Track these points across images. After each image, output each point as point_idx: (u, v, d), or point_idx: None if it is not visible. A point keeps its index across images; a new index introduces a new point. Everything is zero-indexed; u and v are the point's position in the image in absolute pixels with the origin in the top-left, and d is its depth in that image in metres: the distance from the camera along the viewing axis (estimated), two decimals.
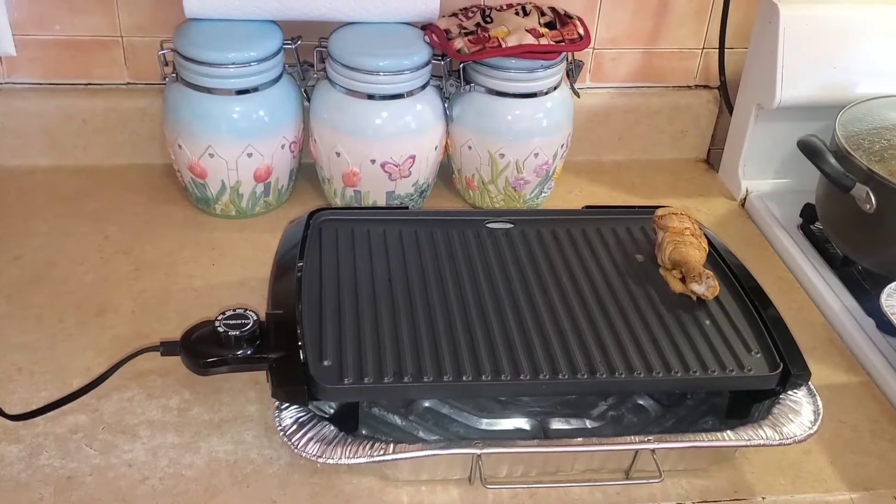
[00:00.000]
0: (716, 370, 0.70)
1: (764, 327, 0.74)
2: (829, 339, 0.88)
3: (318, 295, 0.74)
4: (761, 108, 1.03)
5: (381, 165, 0.94)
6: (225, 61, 0.89)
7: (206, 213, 0.98)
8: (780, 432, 0.67)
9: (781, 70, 0.98)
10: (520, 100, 0.95)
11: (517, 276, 0.79)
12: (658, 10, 1.08)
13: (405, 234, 0.83)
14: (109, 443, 0.71)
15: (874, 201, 0.86)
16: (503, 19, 0.95)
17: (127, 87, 1.04)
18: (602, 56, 1.10)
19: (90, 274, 0.88)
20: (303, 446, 0.64)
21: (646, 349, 0.71)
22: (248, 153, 0.93)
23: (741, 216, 1.07)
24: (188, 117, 0.92)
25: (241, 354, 0.68)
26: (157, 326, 0.82)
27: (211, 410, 0.74)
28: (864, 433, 0.77)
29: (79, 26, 0.99)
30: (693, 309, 0.76)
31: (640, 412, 0.76)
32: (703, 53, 1.12)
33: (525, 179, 0.99)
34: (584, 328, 0.73)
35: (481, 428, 0.74)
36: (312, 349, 0.68)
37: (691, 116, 1.14)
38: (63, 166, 1.04)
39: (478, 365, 0.68)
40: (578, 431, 0.74)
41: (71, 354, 0.79)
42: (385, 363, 0.67)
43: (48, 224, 0.95)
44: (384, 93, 0.92)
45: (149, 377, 0.77)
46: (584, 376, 0.68)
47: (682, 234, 0.80)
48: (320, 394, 0.65)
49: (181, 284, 0.88)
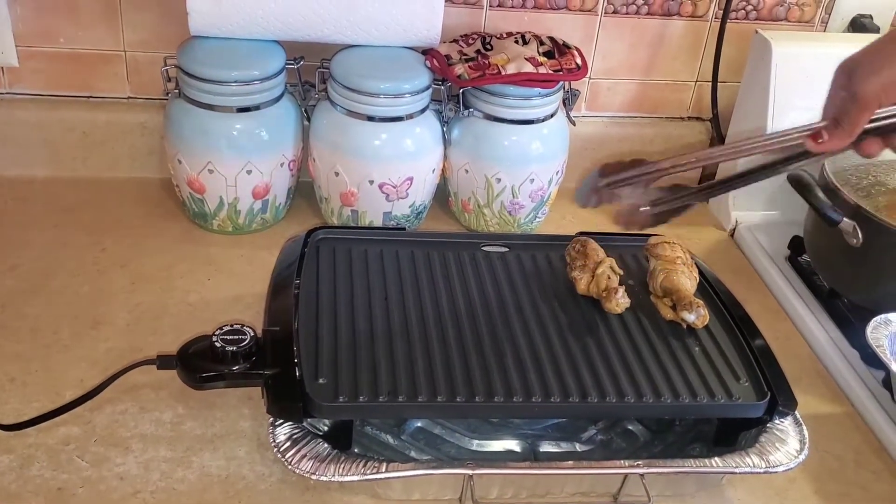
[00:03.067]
0: (705, 398, 0.71)
1: (752, 356, 0.75)
2: (814, 369, 0.89)
3: (315, 313, 0.75)
4: None
5: (379, 186, 0.95)
6: (227, 79, 0.90)
7: (203, 229, 0.99)
8: (766, 460, 0.69)
9: (773, 105, 1.00)
10: (517, 126, 0.97)
11: (511, 300, 0.80)
12: (653, 42, 1.10)
13: (402, 255, 0.84)
14: (101, 455, 0.71)
15: (861, 236, 0.88)
16: (503, 47, 0.97)
17: (128, 101, 1.05)
18: (598, 86, 1.12)
19: (86, 286, 0.89)
20: (296, 463, 0.65)
21: (636, 375, 0.72)
22: (248, 170, 0.94)
23: (731, 246, 1.09)
24: (189, 133, 0.92)
25: (238, 370, 0.69)
26: (151, 340, 0.83)
27: (204, 425, 0.75)
28: (848, 463, 0.78)
29: (83, 40, 1.00)
30: (683, 336, 0.77)
31: (629, 437, 0.77)
32: (697, 86, 1.15)
33: (520, 204, 1.01)
34: (577, 353, 0.74)
35: (472, 449, 0.75)
36: (308, 366, 0.69)
37: (683, 147, 1.16)
38: (62, 177, 1.04)
39: (471, 386, 0.69)
40: (568, 454, 0.75)
41: (65, 366, 0.79)
42: (380, 382, 0.68)
43: (45, 235, 0.95)
44: (384, 115, 0.93)
45: (142, 390, 0.77)
46: (575, 400, 0.69)
47: (674, 262, 0.81)
48: (315, 411, 0.66)
49: (177, 299, 0.88)
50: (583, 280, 0.81)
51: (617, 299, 0.78)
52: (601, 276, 0.80)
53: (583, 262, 0.82)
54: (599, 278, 0.80)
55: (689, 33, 1.10)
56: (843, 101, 0.64)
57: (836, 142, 0.65)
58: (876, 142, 0.66)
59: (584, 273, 0.81)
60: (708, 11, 1.09)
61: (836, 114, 0.65)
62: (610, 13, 1.07)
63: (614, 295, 0.78)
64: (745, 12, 1.10)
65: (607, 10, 1.07)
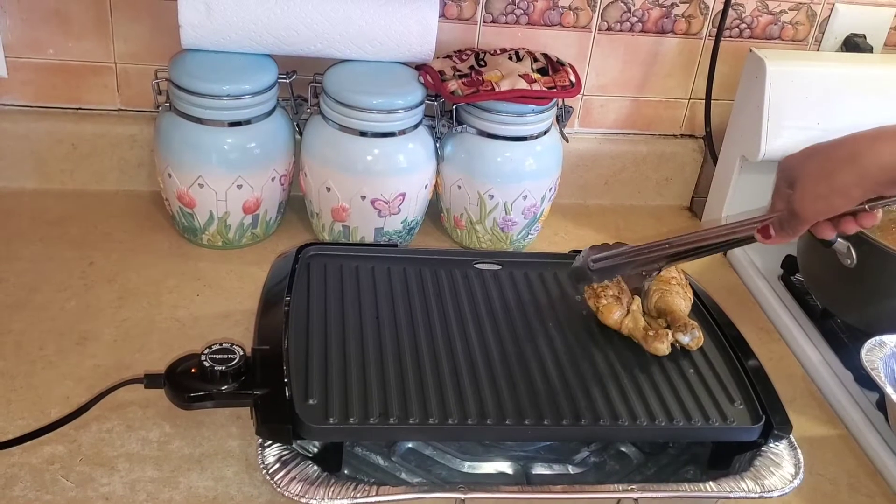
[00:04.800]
0: (699, 421, 0.70)
1: (746, 378, 0.75)
2: (808, 390, 0.89)
3: (306, 331, 0.74)
4: (745, 160, 1.05)
5: (371, 202, 0.95)
6: (219, 93, 0.89)
7: (193, 243, 0.98)
8: (761, 485, 0.68)
9: (767, 124, 1.00)
10: (510, 142, 0.96)
11: (504, 319, 0.79)
12: (647, 60, 1.10)
13: (394, 272, 0.84)
14: (87, 475, 0.70)
15: (855, 257, 0.87)
16: (497, 63, 0.97)
17: (118, 114, 1.04)
18: (591, 102, 1.12)
19: (72, 301, 0.88)
20: (285, 485, 0.63)
21: (630, 397, 0.71)
22: (238, 185, 0.93)
23: (723, 265, 1.09)
24: (179, 147, 0.92)
25: (227, 390, 0.68)
26: (138, 357, 0.82)
27: (192, 445, 0.73)
28: (841, 487, 0.78)
29: (73, 51, 0.99)
30: (677, 358, 0.77)
31: (623, 459, 0.76)
32: (690, 104, 1.14)
33: (513, 221, 1.00)
34: (570, 374, 0.73)
35: (463, 471, 0.74)
36: (298, 387, 0.68)
37: (676, 164, 1.16)
38: (50, 190, 1.03)
39: (463, 408, 0.68)
40: (561, 477, 0.74)
41: (50, 383, 0.78)
42: (371, 403, 0.67)
43: (31, 248, 0.94)
44: (377, 130, 0.92)
45: (129, 408, 0.76)
46: (568, 423, 0.68)
47: (669, 283, 0.81)
48: (305, 433, 0.65)
49: (165, 314, 0.87)
50: (616, 311, 0.77)
51: (667, 339, 0.75)
52: (636, 312, 0.78)
53: (616, 293, 0.78)
54: (636, 315, 0.77)
55: (683, 51, 1.10)
56: (786, 205, 0.66)
57: (782, 239, 0.67)
58: (827, 226, 0.67)
59: (617, 304, 0.78)
60: (702, 29, 1.09)
61: (780, 216, 0.67)
62: (604, 30, 1.07)
63: (665, 336, 0.75)
64: (739, 30, 1.10)
65: (601, 27, 1.06)
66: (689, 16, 1.08)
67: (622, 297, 0.79)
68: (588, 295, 0.80)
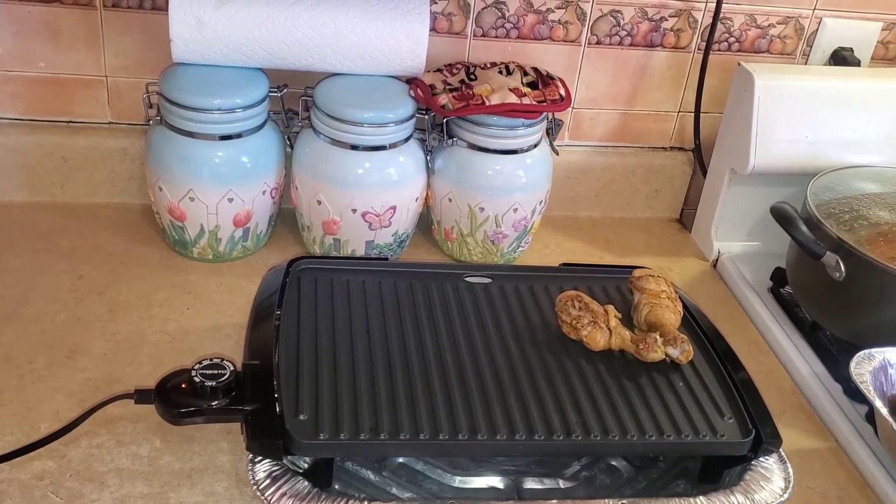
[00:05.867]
0: (689, 434, 0.70)
1: (736, 392, 0.75)
2: (798, 403, 0.89)
3: (296, 346, 0.74)
4: (734, 173, 1.06)
5: (362, 215, 0.95)
6: (210, 107, 0.89)
7: (183, 256, 0.98)
8: (751, 499, 0.68)
9: (755, 137, 1.01)
10: (501, 156, 0.96)
11: (495, 333, 0.79)
12: (636, 73, 1.11)
13: (384, 286, 0.84)
14: (76, 491, 0.69)
15: (843, 269, 0.88)
16: (487, 77, 0.97)
17: (109, 127, 1.04)
18: (581, 115, 1.12)
19: (62, 314, 0.87)
20: (276, 501, 0.63)
21: (621, 411, 0.72)
22: (229, 198, 0.93)
23: (713, 277, 1.09)
24: (170, 160, 0.92)
25: (217, 405, 0.68)
26: (129, 370, 0.81)
27: (182, 460, 0.73)
28: (831, 500, 0.78)
29: (63, 64, 0.99)
30: (667, 372, 0.77)
31: (613, 473, 0.76)
32: (679, 116, 1.15)
33: (503, 233, 1.00)
34: (561, 389, 0.73)
35: (454, 485, 0.74)
36: (289, 402, 0.68)
37: (666, 177, 1.17)
38: (40, 203, 1.03)
39: (454, 423, 0.68)
40: (552, 491, 0.74)
41: (40, 397, 0.77)
42: (361, 419, 0.67)
43: (21, 261, 0.94)
44: (367, 144, 0.93)
45: (119, 423, 0.75)
46: (559, 437, 0.68)
47: (659, 296, 0.81)
48: (295, 449, 0.65)
49: (155, 328, 0.87)
50: (599, 336, 0.77)
51: (659, 346, 0.76)
52: (618, 328, 0.77)
53: (591, 317, 0.78)
54: (618, 331, 0.77)
55: (672, 64, 1.11)
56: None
57: None
58: None
59: (598, 329, 0.77)
60: (691, 43, 1.10)
61: None
62: (593, 44, 1.07)
63: (654, 343, 0.76)
64: (728, 44, 1.10)
65: (591, 40, 1.07)
66: (678, 30, 1.08)
67: (597, 319, 0.78)
68: (567, 331, 0.79)
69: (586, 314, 0.78)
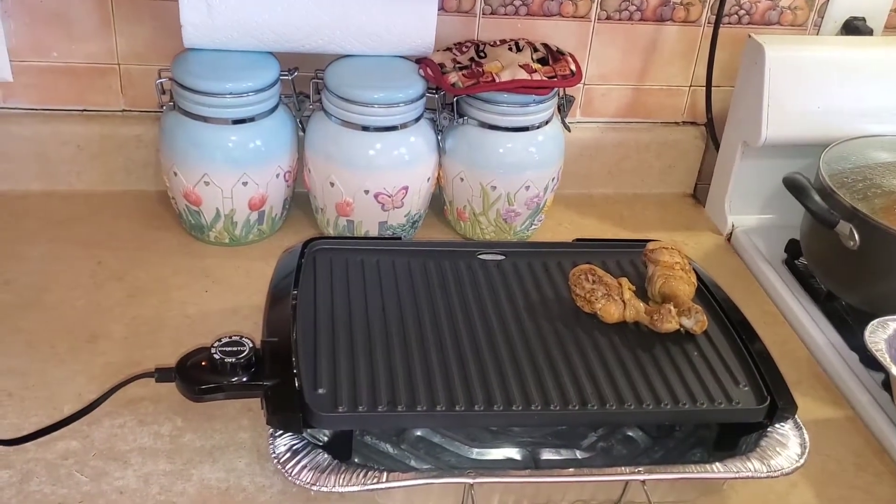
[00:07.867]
0: (705, 403, 0.71)
1: (751, 361, 0.75)
2: (813, 372, 0.89)
3: (313, 323, 0.75)
4: (747, 146, 1.05)
5: (375, 196, 0.95)
6: (222, 91, 0.90)
7: (200, 241, 0.99)
8: (767, 465, 0.68)
9: (767, 109, 1.00)
10: (512, 133, 0.97)
11: (509, 308, 0.80)
12: (647, 48, 1.10)
13: (398, 265, 0.84)
14: (101, 469, 0.71)
15: (857, 238, 0.88)
16: (497, 54, 0.97)
17: (123, 114, 1.05)
18: (592, 91, 1.12)
19: (82, 300, 0.88)
20: (296, 474, 0.64)
21: (636, 381, 0.72)
22: (244, 182, 0.93)
23: (727, 250, 1.09)
24: (184, 145, 0.92)
25: (237, 381, 0.69)
26: (149, 353, 0.82)
27: (203, 437, 0.74)
28: (848, 467, 0.78)
29: (76, 53, 1.00)
30: (682, 342, 0.77)
31: (630, 443, 0.77)
32: (691, 91, 1.15)
33: (516, 212, 1.01)
34: (576, 360, 0.74)
35: (472, 457, 0.75)
36: (307, 377, 0.69)
37: (679, 152, 1.17)
38: (56, 191, 1.04)
39: (470, 395, 0.69)
40: (568, 462, 0.75)
41: (62, 380, 0.79)
42: (379, 392, 0.68)
43: (40, 249, 0.95)
44: (378, 125, 0.93)
45: (141, 403, 0.77)
46: (575, 408, 0.69)
47: (673, 268, 0.81)
48: (315, 422, 0.66)
49: (174, 311, 0.88)
50: (614, 308, 0.77)
51: (673, 316, 0.76)
52: (632, 300, 0.77)
53: (605, 290, 0.78)
54: (633, 303, 0.77)
55: (683, 38, 1.10)
56: None
57: None
58: None
59: (612, 302, 0.77)
60: (701, 16, 1.09)
61: None
62: (603, 19, 1.07)
63: (669, 314, 0.76)
64: (738, 17, 1.10)
65: (600, 16, 1.07)
66: (688, 3, 1.08)
67: (611, 292, 0.78)
68: (581, 304, 0.79)
69: (600, 287, 0.78)
